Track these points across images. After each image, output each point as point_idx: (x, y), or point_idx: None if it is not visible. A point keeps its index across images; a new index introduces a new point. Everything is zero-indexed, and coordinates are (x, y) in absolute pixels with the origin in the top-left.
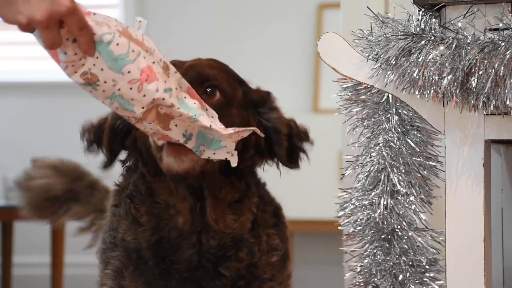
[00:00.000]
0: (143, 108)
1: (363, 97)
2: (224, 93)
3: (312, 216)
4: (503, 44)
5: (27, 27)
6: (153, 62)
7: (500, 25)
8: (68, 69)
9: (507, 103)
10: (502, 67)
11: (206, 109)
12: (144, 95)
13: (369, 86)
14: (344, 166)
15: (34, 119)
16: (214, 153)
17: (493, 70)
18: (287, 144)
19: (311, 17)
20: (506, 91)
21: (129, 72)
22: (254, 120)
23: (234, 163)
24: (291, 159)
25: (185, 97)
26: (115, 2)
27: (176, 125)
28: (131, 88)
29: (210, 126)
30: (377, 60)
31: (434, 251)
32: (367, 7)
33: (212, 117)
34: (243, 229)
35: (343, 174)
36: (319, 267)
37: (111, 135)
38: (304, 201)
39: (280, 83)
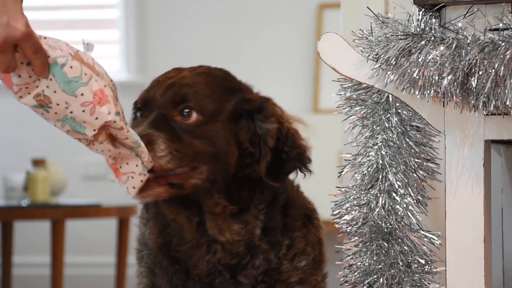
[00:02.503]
0: (94, 130)
1: (363, 97)
2: (203, 112)
3: None
4: (503, 44)
5: None
6: (105, 86)
7: (500, 25)
8: (21, 91)
9: (507, 103)
10: (502, 67)
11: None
12: (97, 118)
13: (369, 86)
14: (342, 165)
15: (34, 119)
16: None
17: (493, 70)
18: (270, 158)
19: (311, 17)
20: (506, 91)
21: (82, 94)
22: (246, 132)
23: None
24: (271, 175)
25: (126, 123)
26: (115, 2)
27: (121, 146)
28: (83, 111)
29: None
30: (377, 60)
31: (430, 252)
32: (367, 7)
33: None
34: (252, 236)
35: (340, 173)
36: None
37: None
38: None
39: (280, 83)
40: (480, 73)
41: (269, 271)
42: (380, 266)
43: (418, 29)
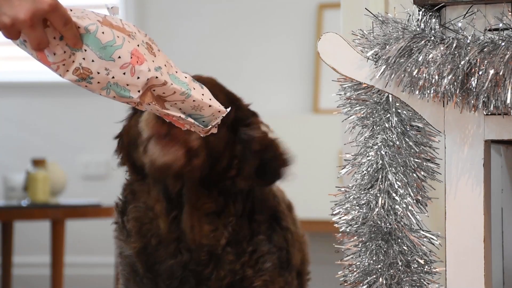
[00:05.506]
0: (139, 91)
1: (363, 97)
2: None
3: (312, 216)
4: (503, 44)
5: (12, 29)
6: (138, 45)
7: (500, 25)
8: (59, 69)
9: (507, 103)
10: (502, 67)
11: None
12: (138, 77)
13: (369, 86)
14: (342, 165)
15: (34, 119)
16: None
17: (493, 70)
18: (257, 162)
19: (311, 17)
20: (506, 91)
21: (119, 57)
22: (237, 141)
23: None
24: (260, 176)
25: (176, 71)
26: (115, 2)
27: (171, 106)
28: (124, 73)
29: (202, 99)
30: (377, 60)
31: (430, 252)
32: (366, 8)
33: (202, 88)
34: (217, 244)
35: (340, 173)
36: (318, 267)
37: (127, 153)
38: (303, 201)
39: (280, 83)
40: (480, 73)
41: (234, 282)
42: (379, 266)
43: (418, 29)
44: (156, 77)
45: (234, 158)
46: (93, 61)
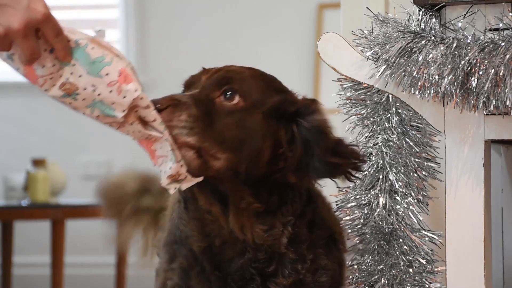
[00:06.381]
0: (124, 111)
1: (363, 97)
2: (246, 98)
3: None
4: (503, 44)
5: (4, 39)
6: (126, 66)
7: (500, 25)
8: (46, 83)
9: (507, 103)
10: (502, 67)
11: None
12: (124, 96)
13: (369, 86)
14: None
15: (34, 119)
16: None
17: (493, 70)
18: (303, 152)
19: (311, 17)
20: (506, 91)
21: (107, 74)
22: (285, 133)
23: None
24: (299, 172)
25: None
26: (115, 2)
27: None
28: (110, 91)
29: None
30: (377, 60)
31: (431, 251)
32: (367, 7)
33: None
34: (277, 243)
35: None
36: None
37: None
38: None
39: None
40: (480, 73)
41: (296, 282)
42: (381, 266)
43: (418, 29)
44: (141, 98)
45: (278, 147)
46: (80, 76)
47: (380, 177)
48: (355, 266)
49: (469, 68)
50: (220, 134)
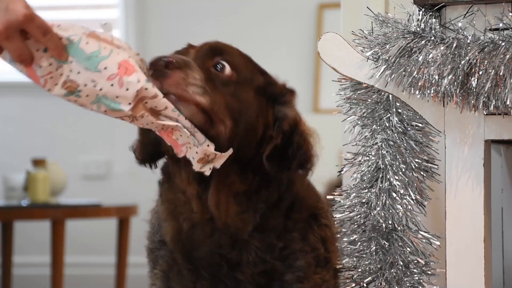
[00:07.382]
0: (130, 104)
1: (363, 97)
2: (237, 70)
3: None
4: (503, 44)
5: None
6: (129, 57)
7: (500, 25)
8: (48, 83)
9: (507, 103)
10: (502, 67)
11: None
12: (127, 89)
13: (369, 86)
14: (342, 164)
15: (34, 119)
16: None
17: (493, 70)
18: (279, 143)
19: (311, 17)
20: (506, 91)
21: (105, 68)
22: (272, 115)
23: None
24: (273, 161)
25: None
26: (115, 2)
27: (165, 118)
28: (112, 85)
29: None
30: (377, 60)
31: (430, 252)
32: (367, 7)
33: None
34: (243, 228)
35: (340, 172)
36: None
37: (141, 151)
38: None
39: None
40: (480, 73)
41: (268, 270)
42: (380, 265)
43: (418, 29)
44: (146, 88)
45: (268, 129)
46: (79, 73)
47: (380, 176)
48: (354, 265)
49: (469, 68)
50: (224, 101)
